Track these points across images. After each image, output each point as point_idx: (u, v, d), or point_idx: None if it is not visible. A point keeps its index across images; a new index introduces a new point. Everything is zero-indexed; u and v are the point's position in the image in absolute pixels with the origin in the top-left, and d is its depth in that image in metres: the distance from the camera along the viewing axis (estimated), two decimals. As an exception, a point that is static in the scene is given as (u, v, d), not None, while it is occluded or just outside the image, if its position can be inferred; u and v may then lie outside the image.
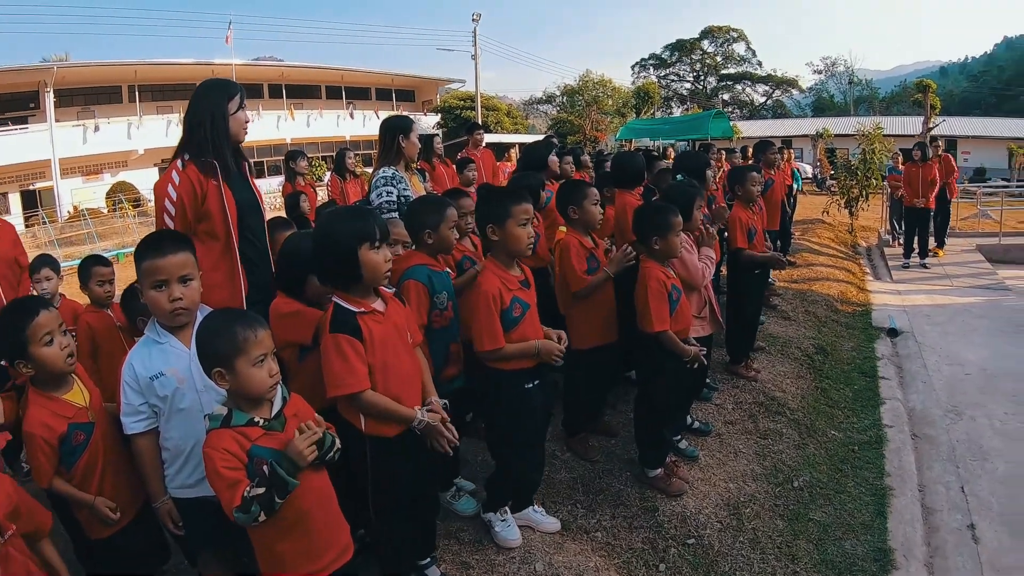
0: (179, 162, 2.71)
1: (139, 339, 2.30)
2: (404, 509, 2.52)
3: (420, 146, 3.88)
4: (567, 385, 4.00)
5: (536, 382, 2.87)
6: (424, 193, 4.08)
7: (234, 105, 2.80)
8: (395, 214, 3.72)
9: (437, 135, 8.03)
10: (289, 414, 2.00)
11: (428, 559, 2.78)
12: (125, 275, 14.54)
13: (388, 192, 3.76)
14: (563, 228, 3.73)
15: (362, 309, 2.27)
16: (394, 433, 2.35)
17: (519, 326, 2.79)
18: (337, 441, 2.02)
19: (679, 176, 4.69)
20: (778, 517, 3.50)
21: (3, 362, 2.41)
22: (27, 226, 22.32)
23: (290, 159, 7.69)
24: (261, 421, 1.92)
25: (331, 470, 2.12)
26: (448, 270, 3.08)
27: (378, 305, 2.35)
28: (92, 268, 3.69)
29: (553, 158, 5.07)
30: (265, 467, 1.82)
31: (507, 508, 3.10)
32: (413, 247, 3.00)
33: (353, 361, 2.21)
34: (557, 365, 2.90)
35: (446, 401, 2.52)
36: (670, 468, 3.62)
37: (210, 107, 2.76)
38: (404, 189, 3.80)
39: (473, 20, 32.06)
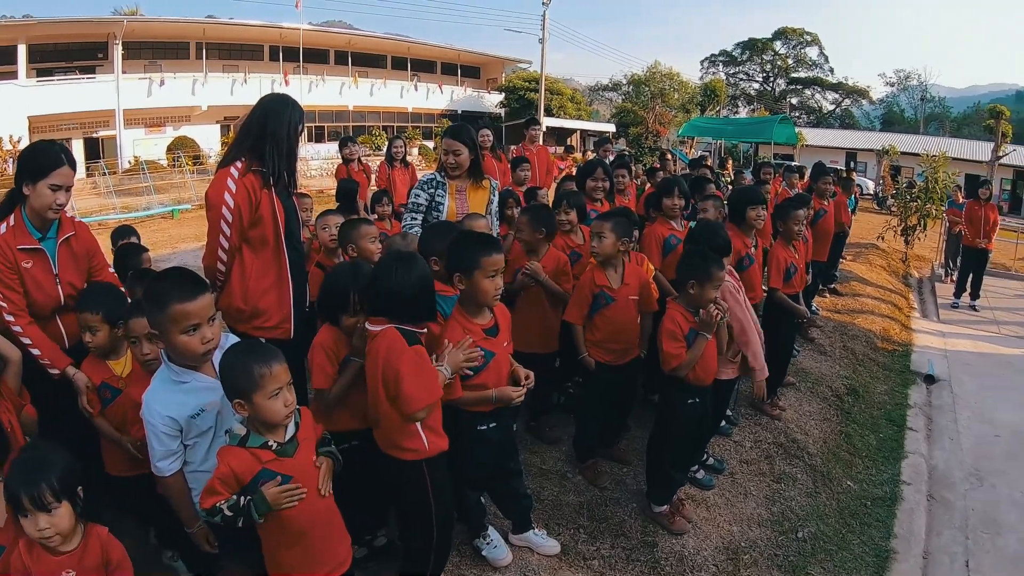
0: (234, 169, 2.84)
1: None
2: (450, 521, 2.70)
3: (462, 161, 3.92)
4: (578, 409, 4.02)
5: (492, 424, 2.87)
6: (452, 206, 4.11)
7: (301, 127, 2.99)
8: (419, 216, 3.93)
9: (484, 129, 7.95)
10: (301, 438, 2.15)
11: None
12: (178, 232, 14.98)
13: (416, 195, 3.95)
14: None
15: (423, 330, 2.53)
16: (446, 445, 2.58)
17: (478, 376, 2.75)
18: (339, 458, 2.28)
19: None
20: (776, 567, 3.47)
21: None
22: (88, 175, 22.91)
23: (341, 145, 7.91)
24: (274, 445, 2.07)
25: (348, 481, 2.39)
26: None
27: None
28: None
29: (590, 182, 4.96)
30: (243, 500, 2.00)
31: (488, 530, 3.16)
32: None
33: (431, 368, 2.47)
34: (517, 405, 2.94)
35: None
36: (676, 505, 3.62)
37: (285, 124, 2.91)
38: (438, 195, 3.93)
39: (543, 4, 31.61)
